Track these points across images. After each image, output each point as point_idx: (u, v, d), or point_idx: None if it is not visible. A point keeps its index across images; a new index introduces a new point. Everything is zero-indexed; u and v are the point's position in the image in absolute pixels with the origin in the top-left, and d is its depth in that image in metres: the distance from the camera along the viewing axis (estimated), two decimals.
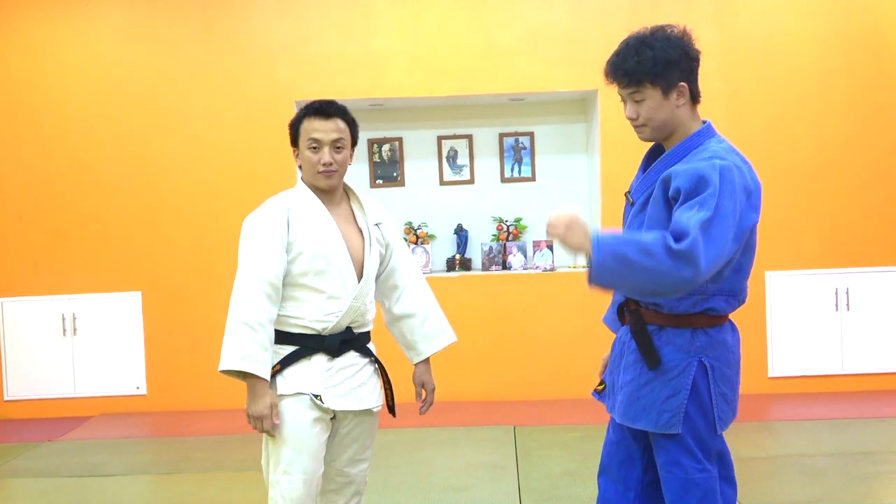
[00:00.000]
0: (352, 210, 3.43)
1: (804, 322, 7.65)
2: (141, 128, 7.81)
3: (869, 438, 6.27)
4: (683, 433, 2.98)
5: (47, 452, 6.67)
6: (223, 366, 3.17)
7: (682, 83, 2.94)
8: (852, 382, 7.64)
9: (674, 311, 2.97)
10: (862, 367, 7.64)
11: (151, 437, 7.17)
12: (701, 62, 3.00)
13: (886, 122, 7.62)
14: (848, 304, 7.62)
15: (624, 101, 3.02)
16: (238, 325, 3.15)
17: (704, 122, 3.03)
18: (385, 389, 3.49)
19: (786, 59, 7.63)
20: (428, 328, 3.56)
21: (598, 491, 3.30)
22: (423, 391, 3.59)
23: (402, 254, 3.53)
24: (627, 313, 3.09)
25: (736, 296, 3.03)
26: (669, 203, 2.88)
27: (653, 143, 3.12)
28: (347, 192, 3.46)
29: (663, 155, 3.01)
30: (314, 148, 3.26)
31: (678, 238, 2.73)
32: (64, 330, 7.85)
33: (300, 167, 3.36)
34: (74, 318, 7.84)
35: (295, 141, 3.34)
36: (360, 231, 3.39)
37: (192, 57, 7.80)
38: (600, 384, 3.27)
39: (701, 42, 3.00)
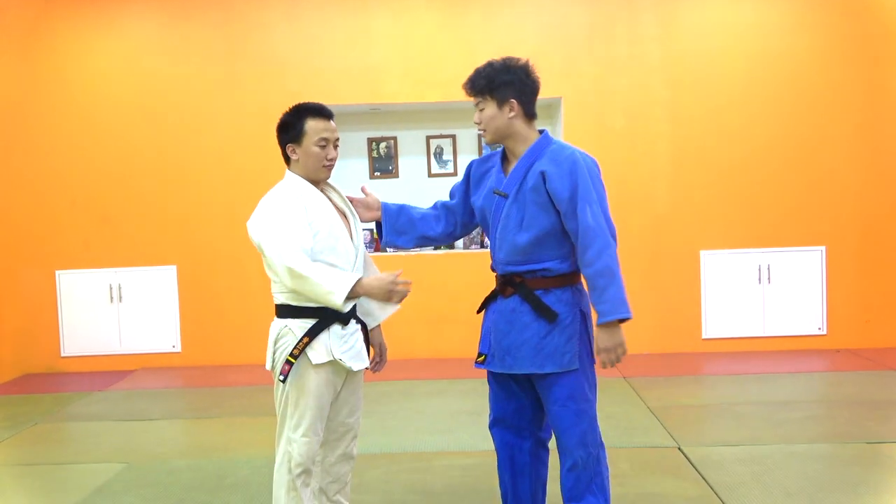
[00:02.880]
0: (329, 197, 3.31)
1: (732, 293, 7.70)
2: (173, 129, 7.78)
3: (787, 390, 6.30)
4: (580, 369, 3.13)
5: (98, 400, 6.67)
6: (338, 299, 2.96)
7: (513, 99, 3.09)
8: (773, 343, 7.69)
9: (561, 271, 3.14)
10: (781, 330, 7.70)
11: (186, 388, 7.16)
12: (648, 74, 3.03)
13: (803, 122, 7.65)
14: (769, 278, 7.68)
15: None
16: (311, 269, 2.99)
17: (542, 131, 3.19)
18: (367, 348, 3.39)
19: (718, 72, 7.62)
20: None
21: (494, 440, 3.35)
22: (380, 351, 3.50)
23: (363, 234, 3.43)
24: (511, 287, 3.22)
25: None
26: (548, 192, 3.07)
27: (501, 151, 3.25)
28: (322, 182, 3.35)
29: (523, 155, 3.14)
30: (322, 146, 3.17)
31: (613, 236, 3.08)
32: (111, 297, 7.83)
33: (290, 161, 3.23)
34: (120, 288, 7.83)
35: (296, 138, 3.17)
36: (343, 213, 3.31)
37: (215, 67, 7.78)
38: (480, 356, 3.30)
39: (647, 58, 3.03)
